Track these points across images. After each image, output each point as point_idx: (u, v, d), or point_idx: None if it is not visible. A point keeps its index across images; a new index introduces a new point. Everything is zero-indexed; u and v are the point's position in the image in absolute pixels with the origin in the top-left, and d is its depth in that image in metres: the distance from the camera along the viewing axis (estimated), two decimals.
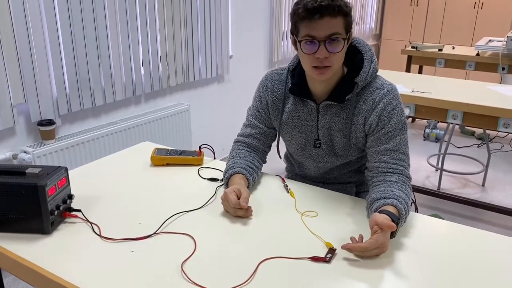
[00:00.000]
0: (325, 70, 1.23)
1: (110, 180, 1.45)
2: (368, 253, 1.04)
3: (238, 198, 1.22)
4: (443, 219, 1.29)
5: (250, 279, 0.98)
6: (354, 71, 1.30)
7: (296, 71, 1.38)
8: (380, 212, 1.12)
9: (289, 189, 1.40)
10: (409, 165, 1.30)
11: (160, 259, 1.04)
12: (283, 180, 1.46)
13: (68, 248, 1.08)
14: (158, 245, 1.10)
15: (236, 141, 1.52)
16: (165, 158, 1.55)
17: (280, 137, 1.50)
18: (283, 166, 1.68)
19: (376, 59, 1.33)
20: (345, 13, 1.19)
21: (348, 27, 1.22)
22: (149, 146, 1.73)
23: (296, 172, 1.59)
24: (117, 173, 1.51)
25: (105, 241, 1.11)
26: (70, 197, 1.21)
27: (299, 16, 1.20)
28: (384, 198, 1.18)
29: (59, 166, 1.19)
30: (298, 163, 1.55)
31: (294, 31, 1.25)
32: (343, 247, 1.05)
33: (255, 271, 1.01)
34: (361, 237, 1.10)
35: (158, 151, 1.58)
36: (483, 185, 3.38)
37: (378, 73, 1.35)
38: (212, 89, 3.38)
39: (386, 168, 1.27)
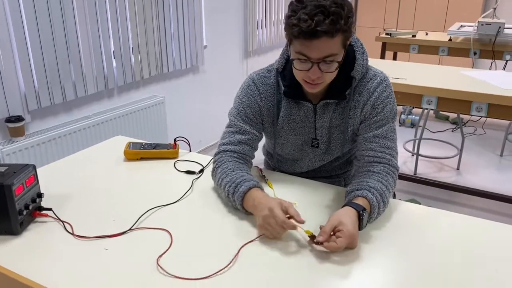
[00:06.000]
0: (317, 85, 1.19)
1: (82, 177, 1.40)
2: (341, 249, 1.02)
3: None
4: (420, 203, 1.30)
5: (232, 262, 0.97)
6: (347, 64, 1.23)
7: (287, 73, 1.28)
8: (348, 204, 1.10)
9: (267, 179, 1.38)
10: (397, 153, 1.28)
11: (135, 256, 1.01)
12: (261, 171, 1.44)
13: (39, 249, 1.04)
14: (133, 242, 1.07)
15: (223, 151, 1.32)
16: (139, 152, 1.51)
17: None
18: (261, 158, 1.66)
19: (366, 49, 1.28)
20: (345, 30, 1.10)
21: (346, 40, 1.14)
22: (122, 140, 1.68)
23: (285, 169, 1.51)
24: (89, 169, 1.46)
25: (78, 240, 1.07)
26: (40, 195, 1.17)
27: (293, 34, 1.10)
28: (357, 190, 1.16)
29: (27, 164, 1.14)
30: (291, 161, 1.47)
31: (287, 37, 1.16)
32: (316, 244, 1.03)
33: (236, 255, 1.00)
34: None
35: (131, 145, 1.54)
36: (457, 169, 3.44)
37: None
38: (187, 80, 3.32)
39: (373, 157, 1.25)
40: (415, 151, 3.49)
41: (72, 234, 1.10)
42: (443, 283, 0.94)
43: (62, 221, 1.14)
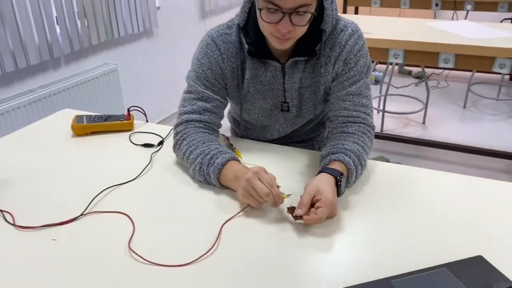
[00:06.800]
0: (287, 41, 1.05)
1: (23, 158, 1.24)
2: (322, 220, 0.93)
3: None
4: (388, 160, 1.23)
5: (216, 243, 0.88)
6: (315, 16, 1.07)
7: (250, 28, 1.14)
8: (324, 170, 1.01)
9: (235, 148, 1.26)
10: (372, 110, 1.18)
11: (89, 246, 0.88)
12: (227, 139, 1.32)
13: None
14: (86, 229, 0.94)
15: (186, 121, 1.17)
16: (88, 126, 1.35)
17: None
18: (227, 125, 1.53)
19: None
20: None
21: None
22: (69, 114, 1.51)
23: (254, 137, 1.39)
24: (31, 148, 1.29)
25: (21, 231, 0.93)
26: None
27: None
28: (332, 153, 1.07)
29: None
30: (260, 128, 1.35)
31: None
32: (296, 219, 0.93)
33: (219, 235, 0.91)
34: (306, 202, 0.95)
35: (79, 118, 1.37)
36: (423, 123, 3.44)
37: None
38: (141, 45, 3.10)
39: (347, 117, 1.15)
40: (381, 108, 3.45)
41: (13, 225, 0.95)
42: (429, 240, 0.88)
43: (1, 210, 0.99)
